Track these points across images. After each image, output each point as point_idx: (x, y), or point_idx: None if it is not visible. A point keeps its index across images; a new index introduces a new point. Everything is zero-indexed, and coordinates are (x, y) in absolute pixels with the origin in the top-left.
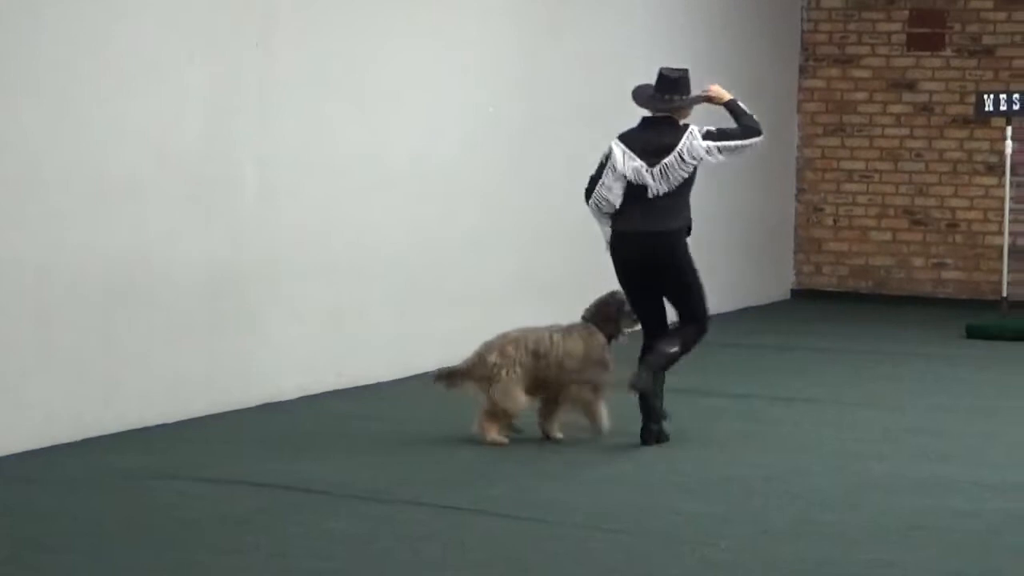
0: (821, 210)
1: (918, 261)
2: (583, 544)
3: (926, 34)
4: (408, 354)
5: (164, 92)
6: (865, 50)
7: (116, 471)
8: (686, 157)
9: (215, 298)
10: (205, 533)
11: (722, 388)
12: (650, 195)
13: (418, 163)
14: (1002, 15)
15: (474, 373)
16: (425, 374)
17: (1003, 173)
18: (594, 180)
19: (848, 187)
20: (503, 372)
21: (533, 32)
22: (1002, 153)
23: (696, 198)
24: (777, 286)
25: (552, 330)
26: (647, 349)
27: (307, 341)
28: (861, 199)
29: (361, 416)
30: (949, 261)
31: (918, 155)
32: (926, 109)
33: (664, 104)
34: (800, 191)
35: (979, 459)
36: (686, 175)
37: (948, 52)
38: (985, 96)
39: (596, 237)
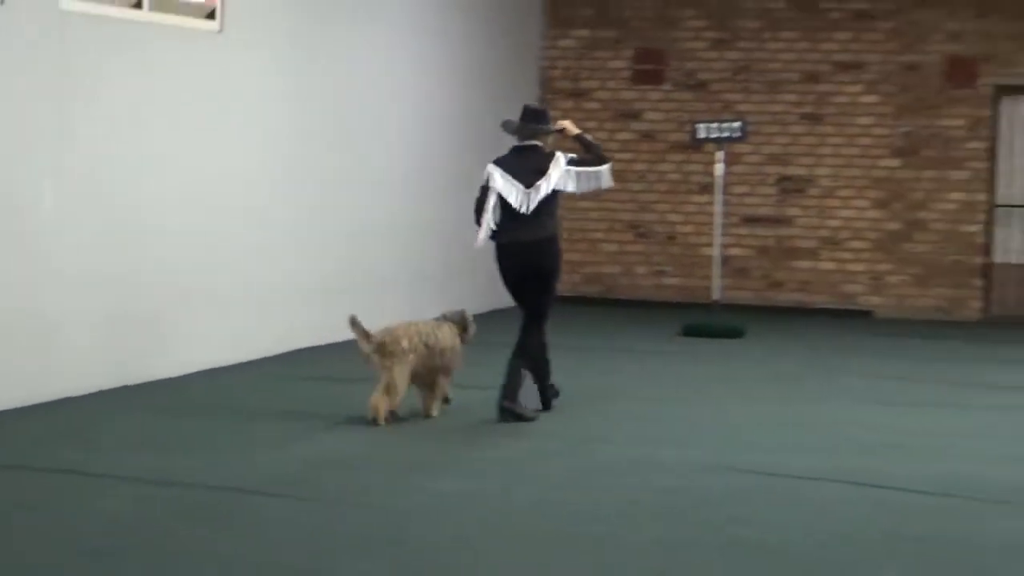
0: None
1: (641, 269)
2: (341, 520)
3: (649, 70)
4: (196, 352)
5: None
6: (596, 84)
7: None
8: (555, 178)
9: (13, 302)
10: None
11: (471, 381)
12: (525, 211)
13: (201, 177)
14: (714, 54)
15: (385, 348)
16: (211, 370)
17: (715, 192)
18: (480, 202)
19: (582, 204)
20: (409, 357)
21: (311, 54)
22: (714, 175)
23: (457, 215)
24: None
25: (432, 325)
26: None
27: (101, 342)
28: (593, 215)
29: (146, 409)
30: (668, 269)
31: (641, 176)
32: (648, 136)
33: (530, 132)
34: None
35: (689, 442)
36: (554, 194)
37: (668, 86)
38: (699, 125)
39: (347, 247)
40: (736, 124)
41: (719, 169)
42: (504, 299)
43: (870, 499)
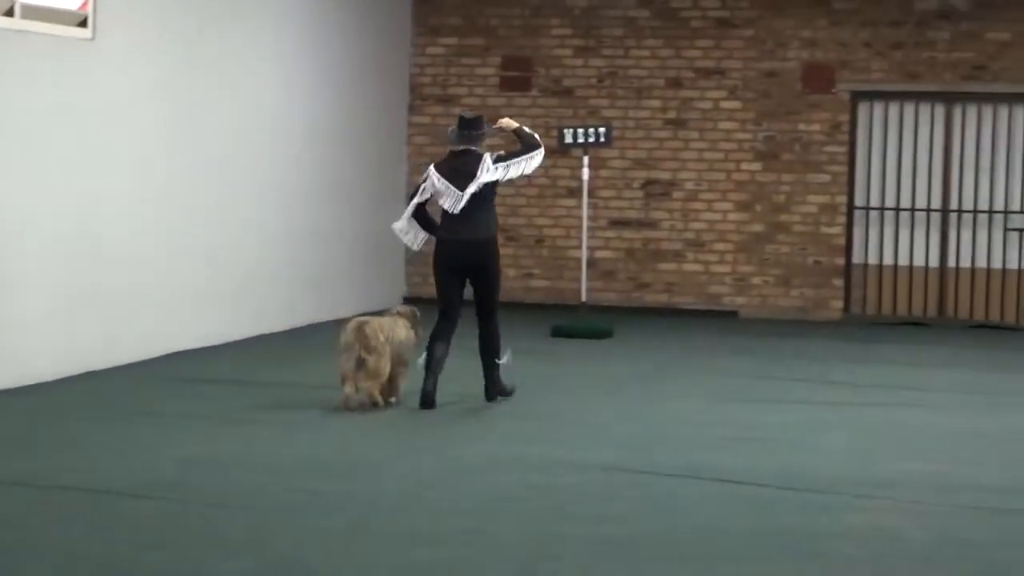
0: None
1: (511, 272)
2: (212, 521)
3: (516, 77)
4: (70, 355)
5: None
6: (464, 91)
7: None
8: (484, 180)
9: None
10: None
11: (336, 383)
12: (461, 212)
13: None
14: (579, 61)
15: (367, 343)
16: (86, 373)
17: (582, 196)
18: (411, 198)
19: None
20: (387, 349)
21: (185, 60)
22: (581, 179)
23: (324, 220)
24: (391, 294)
25: (389, 321)
26: (441, 325)
27: None
28: None
29: (19, 412)
30: (537, 271)
31: (509, 181)
32: (516, 141)
33: (465, 140)
34: None
35: (556, 440)
36: (487, 193)
37: (535, 92)
38: (566, 130)
39: (225, 252)
40: (602, 129)
41: (585, 173)
42: (378, 303)
43: (733, 495)
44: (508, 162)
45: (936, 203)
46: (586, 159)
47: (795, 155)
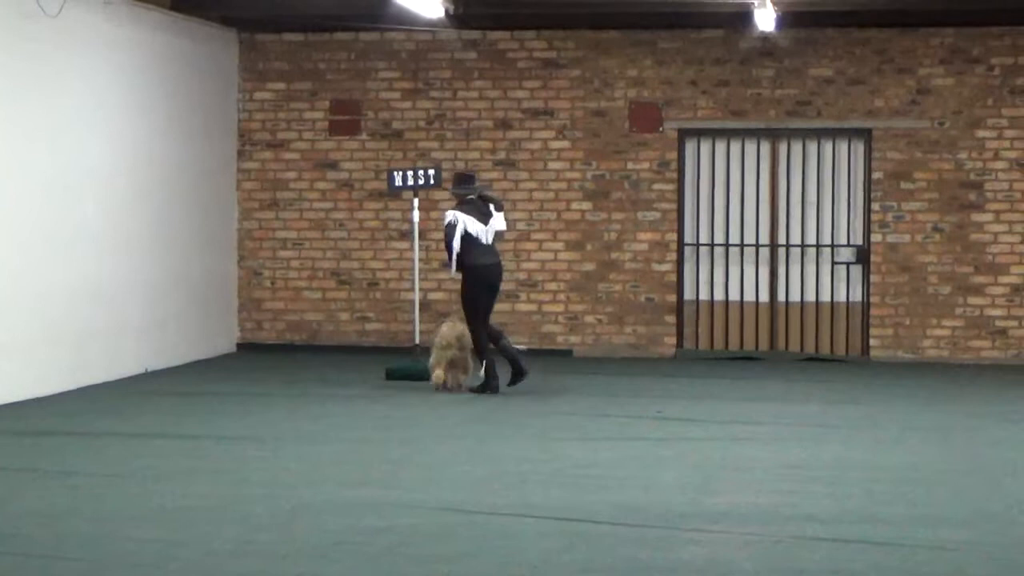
0: (260, 274)
1: (344, 316)
2: (50, 572)
3: (345, 121)
4: None
5: None
6: (293, 135)
7: None
8: (501, 224)
9: None
10: None
11: (175, 431)
12: (486, 242)
13: None
14: (408, 104)
15: (461, 342)
16: None
17: (413, 239)
18: (448, 239)
19: (283, 253)
20: (466, 346)
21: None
22: (411, 221)
23: (152, 267)
24: (224, 341)
25: (455, 326)
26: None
27: None
28: (294, 263)
29: None
30: (371, 315)
31: (341, 225)
32: (347, 185)
33: (471, 190)
34: (241, 258)
35: (392, 483)
36: (498, 230)
37: (364, 136)
38: (395, 173)
39: (48, 302)
40: (431, 171)
41: (416, 216)
42: (210, 350)
43: (567, 531)
44: (501, 212)
45: (764, 238)
46: (416, 201)
47: (624, 193)
